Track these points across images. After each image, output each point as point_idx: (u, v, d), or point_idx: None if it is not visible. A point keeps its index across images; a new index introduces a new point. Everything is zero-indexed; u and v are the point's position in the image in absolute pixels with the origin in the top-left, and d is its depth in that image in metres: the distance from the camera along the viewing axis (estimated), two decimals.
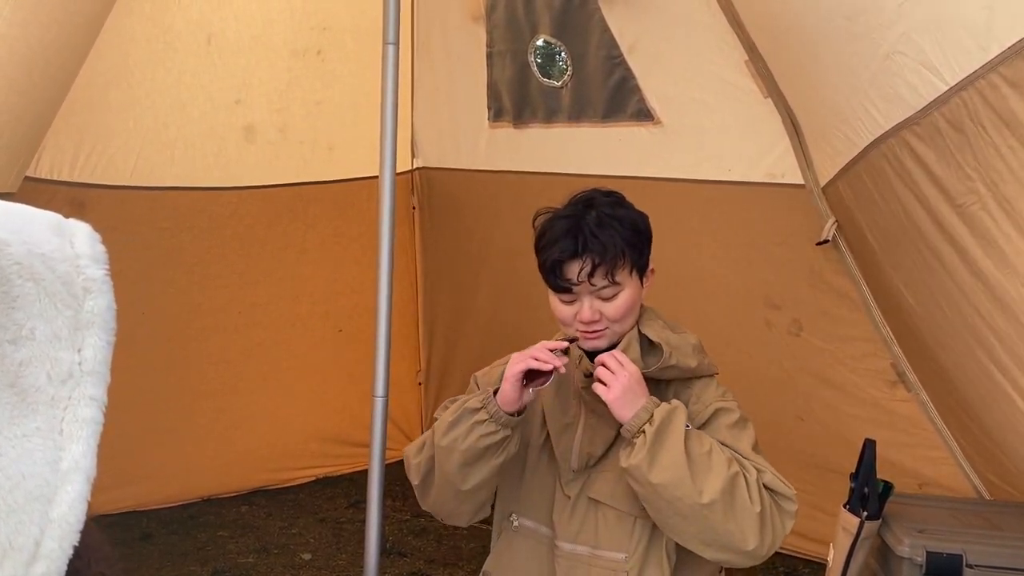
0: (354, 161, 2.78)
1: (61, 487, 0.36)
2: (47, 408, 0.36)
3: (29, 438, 0.35)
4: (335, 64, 2.68)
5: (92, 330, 0.38)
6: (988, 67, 1.22)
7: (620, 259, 1.11)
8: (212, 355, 2.71)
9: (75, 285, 0.39)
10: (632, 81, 2.30)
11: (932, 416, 2.06)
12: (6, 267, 0.36)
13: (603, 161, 2.45)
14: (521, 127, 2.64)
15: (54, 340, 0.37)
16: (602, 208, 1.14)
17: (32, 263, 0.37)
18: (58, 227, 0.41)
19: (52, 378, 0.36)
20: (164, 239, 2.57)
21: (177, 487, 2.69)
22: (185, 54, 2.42)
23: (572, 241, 1.10)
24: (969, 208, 1.38)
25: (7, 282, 0.36)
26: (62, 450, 0.36)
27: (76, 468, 0.36)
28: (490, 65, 2.65)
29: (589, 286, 1.11)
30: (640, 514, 1.14)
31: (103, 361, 0.38)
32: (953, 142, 1.35)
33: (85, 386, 0.37)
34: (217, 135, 2.56)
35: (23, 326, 0.36)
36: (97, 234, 0.41)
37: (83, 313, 0.38)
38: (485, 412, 1.13)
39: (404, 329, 3.04)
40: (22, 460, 0.35)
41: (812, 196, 2.06)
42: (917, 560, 1.49)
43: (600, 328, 1.14)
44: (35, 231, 0.39)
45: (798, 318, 2.20)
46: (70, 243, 0.40)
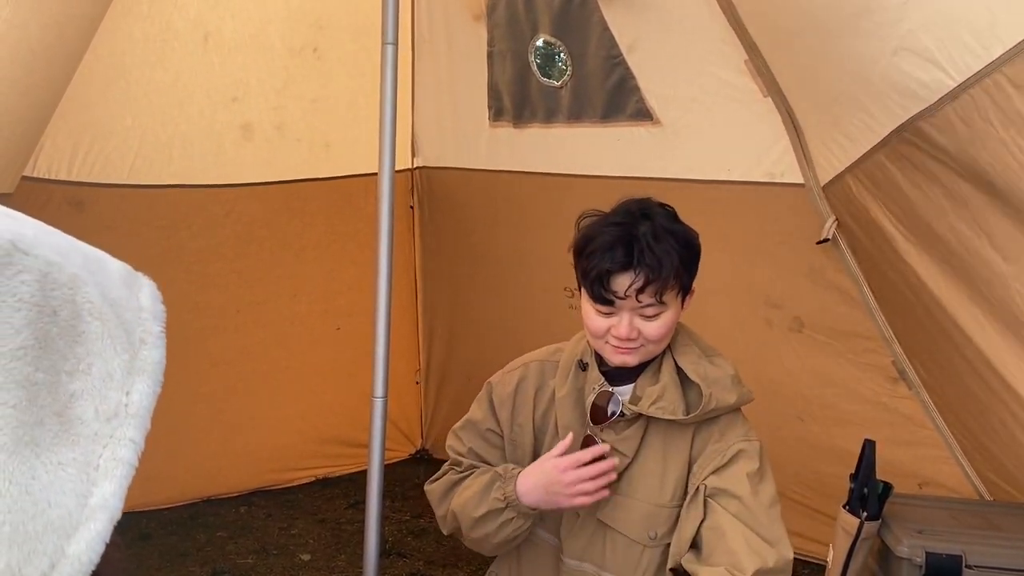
0: (352, 158, 2.78)
1: (84, 524, 0.36)
2: (88, 442, 0.37)
3: (64, 467, 0.36)
4: (332, 62, 2.67)
5: (142, 377, 0.41)
6: (992, 67, 1.22)
7: (672, 279, 1.04)
8: (211, 355, 2.71)
9: (134, 334, 0.41)
10: (631, 81, 2.30)
11: (932, 415, 2.06)
12: (80, 303, 0.38)
13: (603, 161, 2.44)
14: (521, 127, 2.63)
15: (107, 379, 0.39)
16: (659, 220, 1.06)
17: (102, 305, 0.39)
18: (128, 277, 0.43)
19: (99, 414, 0.38)
20: (162, 238, 2.57)
21: (176, 487, 2.68)
22: (182, 53, 2.41)
23: (625, 252, 1.03)
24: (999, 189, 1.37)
25: (78, 317, 0.38)
26: (94, 485, 0.37)
27: (104, 506, 0.37)
28: (491, 64, 2.64)
29: (634, 302, 1.04)
30: (649, 543, 1.12)
31: (147, 408, 0.40)
32: (965, 136, 1.35)
33: (127, 428, 0.39)
34: (214, 133, 2.55)
35: (82, 360, 0.38)
36: (159, 293, 0.44)
37: (137, 360, 0.41)
38: (512, 510, 1.11)
39: (403, 329, 3.03)
40: (52, 487, 0.35)
41: (812, 195, 2.06)
42: (916, 561, 1.49)
43: (635, 346, 1.08)
44: (108, 277, 0.42)
45: (799, 315, 2.20)
46: (136, 295, 0.43)
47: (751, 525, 1.06)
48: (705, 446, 1.13)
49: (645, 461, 1.15)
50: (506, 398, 1.22)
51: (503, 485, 1.13)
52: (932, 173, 1.53)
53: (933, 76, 1.35)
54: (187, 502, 2.73)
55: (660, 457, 1.14)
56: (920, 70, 1.37)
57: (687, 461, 1.14)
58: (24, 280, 0.36)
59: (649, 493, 1.13)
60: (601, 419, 1.13)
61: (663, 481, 1.13)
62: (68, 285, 0.38)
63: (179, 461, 2.67)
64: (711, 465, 1.10)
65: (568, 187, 2.52)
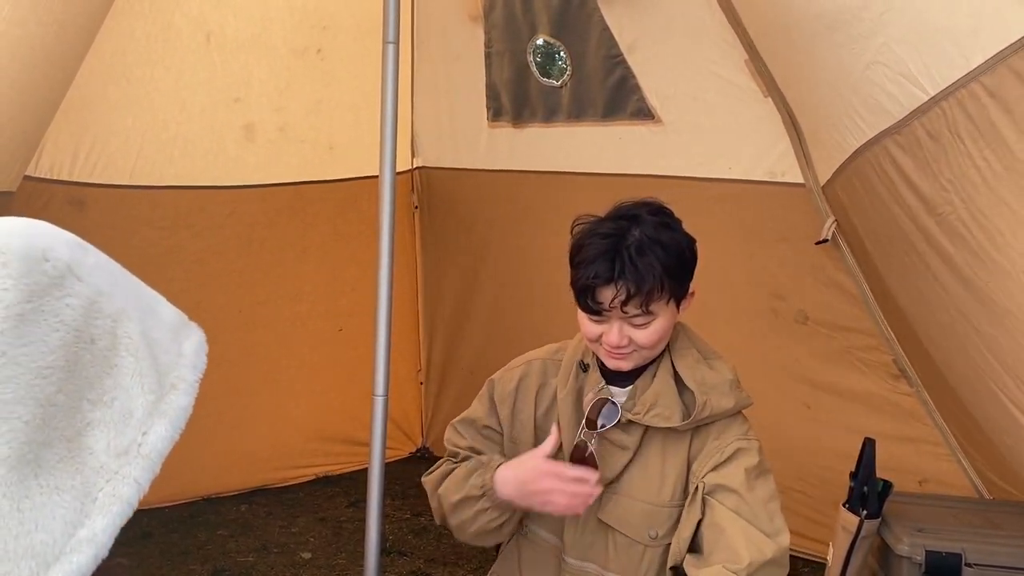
0: (354, 160, 2.78)
1: (67, 555, 0.36)
2: (92, 473, 0.37)
3: (60, 492, 0.36)
4: (335, 63, 2.68)
5: (163, 421, 0.41)
6: (970, 77, 1.21)
7: (657, 290, 1.04)
8: (212, 354, 2.66)
9: (167, 377, 0.41)
10: (632, 80, 2.30)
11: (932, 413, 2.07)
12: (120, 336, 0.39)
13: (603, 159, 2.45)
14: (521, 126, 2.64)
15: (127, 416, 0.39)
16: (646, 229, 1.05)
17: (140, 343, 0.40)
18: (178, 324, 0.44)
19: (110, 448, 0.38)
20: (164, 238, 2.57)
21: (177, 486, 2.69)
22: (184, 52, 2.41)
23: (608, 266, 1.03)
24: (947, 217, 1.39)
25: (114, 349, 0.39)
26: (87, 517, 0.37)
27: (91, 540, 0.37)
28: (488, 65, 2.64)
29: (621, 313, 1.05)
30: (650, 543, 1.13)
31: (160, 452, 0.41)
32: (930, 152, 1.35)
33: (135, 467, 0.39)
34: (216, 134, 2.55)
35: (108, 392, 0.38)
36: (206, 346, 0.45)
37: (162, 403, 0.41)
38: (487, 500, 1.11)
39: (404, 328, 3.03)
40: (43, 510, 0.35)
41: (812, 195, 2.07)
42: (916, 559, 1.49)
43: (627, 351, 1.09)
44: (156, 318, 0.42)
45: (803, 308, 2.21)
46: (180, 343, 0.43)
47: (749, 519, 1.06)
48: (703, 445, 1.13)
49: (645, 461, 1.15)
50: (507, 395, 1.23)
51: (483, 473, 1.13)
52: (891, 193, 1.53)
53: (905, 90, 1.34)
54: (188, 500, 2.74)
55: (659, 458, 1.14)
56: (892, 84, 1.36)
57: (686, 461, 1.14)
58: (70, 304, 0.37)
59: (649, 493, 1.14)
60: (595, 427, 1.13)
61: (662, 481, 1.14)
62: (112, 317, 0.39)
63: (180, 459, 2.63)
64: (709, 463, 1.10)
65: (569, 185, 2.53)
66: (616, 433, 1.14)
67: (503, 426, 1.24)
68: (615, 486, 1.15)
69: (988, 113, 1.21)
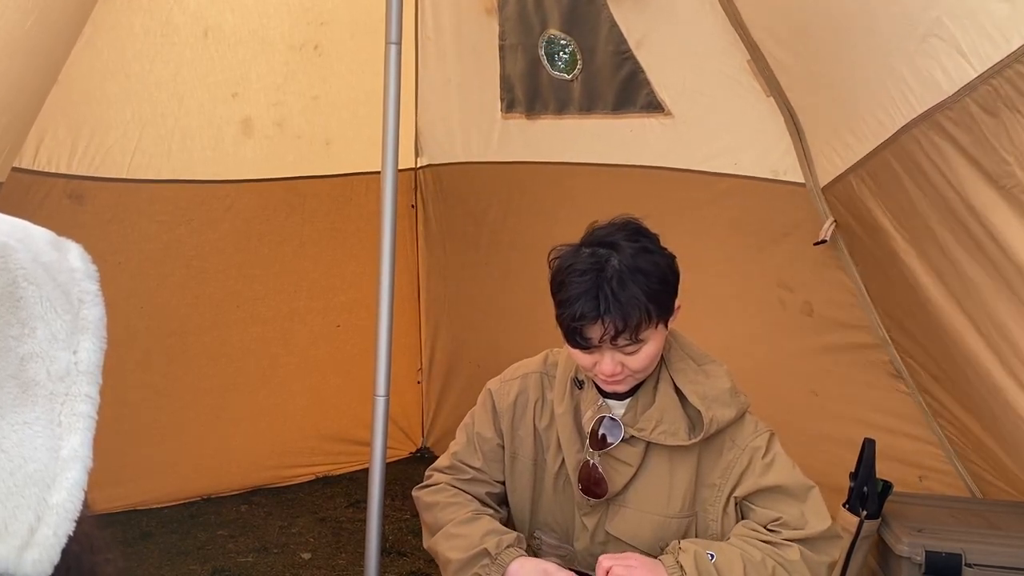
0: (351, 156, 2.77)
1: (61, 474, 0.37)
2: (46, 401, 0.38)
3: (30, 425, 0.37)
4: (333, 59, 2.66)
5: (87, 335, 0.41)
6: (1014, 57, 1.21)
7: (644, 321, 1.03)
8: (211, 350, 2.70)
9: (72, 295, 0.42)
10: (641, 74, 2.30)
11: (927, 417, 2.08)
12: (14, 270, 0.39)
13: (614, 151, 2.44)
14: (534, 118, 2.64)
15: (52, 340, 0.40)
16: (625, 258, 1.04)
17: (35, 270, 0.40)
18: (55, 242, 0.44)
19: (51, 374, 0.39)
20: (162, 232, 2.56)
21: (176, 486, 2.68)
22: (182, 47, 2.39)
23: (592, 304, 1.02)
24: (1011, 190, 1.36)
25: (14, 284, 0.39)
26: (61, 439, 0.38)
27: (75, 457, 0.38)
28: (503, 58, 2.64)
29: (610, 345, 1.05)
30: (661, 554, 1.12)
31: (96, 364, 0.41)
32: (988, 127, 1.33)
33: (80, 384, 0.40)
34: (214, 128, 2.54)
35: (25, 324, 0.39)
36: (88, 254, 0.45)
37: (79, 320, 0.41)
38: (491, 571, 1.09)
39: (404, 328, 3.02)
40: (24, 444, 0.36)
41: (812, 196, 2.07)
42: (916, 559, 1.50)
43: (621, 378, 1.08)
44: (36, 242, 0.42)
45: (809, 300, 2.22)
46: (66, 258, 0.43)
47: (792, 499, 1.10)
48: (719, 456, 1.14)
49: (650, 475, 1.15)
50: (506, 409, 1.22)
51: (489, 570, 1.11)
52: (940, 171, 1.52)
53: (957, 65, 1.32)
54: (187, 500, 2.73)
55: (667, 470, 1.14)
56: (947, 58, 1.34)
57: (695, 473, 1.14)
58: None
59: (657, 505, 1.14)
60: (601, 444, 1.13)
61: (671, 493, 1.13)
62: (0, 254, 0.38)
63: (179, 459, 2.66)
64: (733, 473, 1.12)
65: (580, 175, 2.53)
66: (619, 449, 1.13)
67: (504, 439, 1.23)
68: (622, 499, 1.15)
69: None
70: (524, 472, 1.22)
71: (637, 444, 1.14)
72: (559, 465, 1.19)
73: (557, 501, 1.20)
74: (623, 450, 1.13)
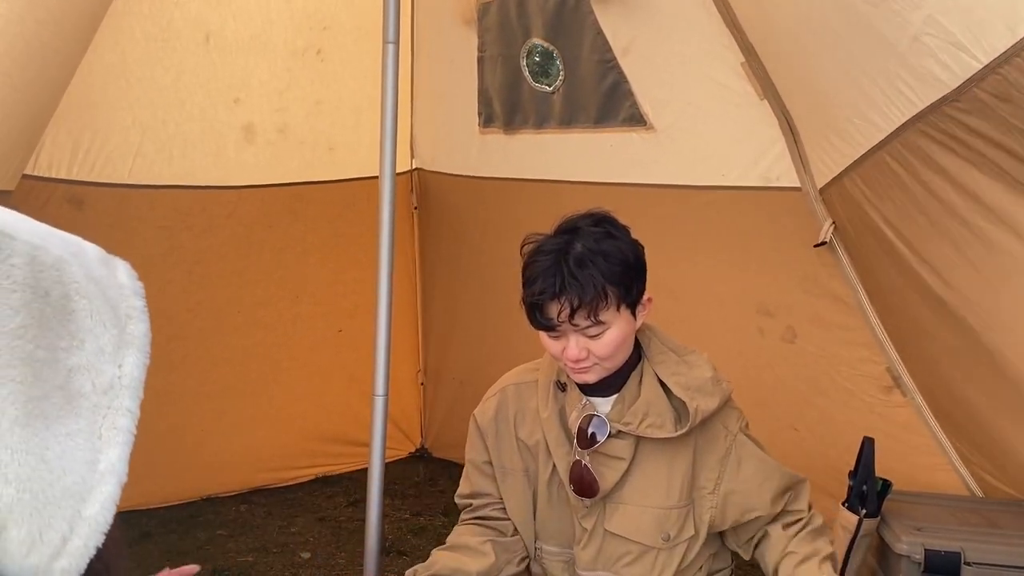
0: (354, 161, 2.78)
1: (96, 487, 0.39)
2: (89, 413, 0.40)
3: (72, 437, 0.39)
4: (335, 64, 2.68)
5: (131, 350, 0.43)
6: (1021, 45, 1.20)
7: (602, 300, 1.05)
8: (212, 355, 2.71)
9: (120, 310, 0.43)
10: (625, 85, 2.28)
11: (928, 420, 2.06)
12: (68, 284, 0.40)
13: (595, 168, 2.41)
14: (512, 133, 2.61)
15: (100, 353, 0.41)
16: (587, 241, 1.07)
17: (88, 285, 0.42)
18: (104, 259, 0.46)
19: (96, 387, 0.40)
20: (163, 238, 2.57)
21: (176, 486, 2.68)
22: (183, 53, 2.41)
23: (551, 281, 1.05)
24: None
25: (67, 297, 0.40)
26: (100, 452, 0.40)
27: (111, 471, 0.40)
28: (481, 70, 2.62)
29: (571, 326, 1.07)
30: (663, 546, 1.14)
31: (139, 379, 0.43)
32: (1007, 111, 1.33)
33: (123, 398, 0.42)
34: (216, 134, 2.55)
35: (75, 336, 0.40)
36: (134, 271, 0.46)
37: (125, 334, 0.43)
38: None
39: (404, 329, 3.03)
40: (65, 456, 0.38)
41: (808, 199, 2.06)
42: (915, 558, 1.50)
43: (587, 364, 1.10)
44: (88, 258, 0.44)
45: (792, 325, 2.19)
46: (115, 274, 0.45)
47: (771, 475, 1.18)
48: (714, 444, 1.17)
49: (645, 468, 1.15)
50: (488, 425, 1.24)
51: None
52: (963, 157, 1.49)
53: (957, 59, 1.32)
54: (187, 500, 2.73)
55: (663, 462, 1.15)
56: (944, 53, 1.34)
57: (691, 462, 1.15)
58: (15, 263, 0.38)
59: (656, 498, 1.14)
60: (589, 443, 1.14)
61: (669, 484, 1.14)
62: (55, 267, 0.40)
63: (179, 460, 2.67)
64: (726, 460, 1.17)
65: (560, 193, 2.49)
66: (609, 445, 1.14)
67: (491, 456, 1.25)
68: (617, 496, 1.16)
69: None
70: (517, 485, 1.23)
71: (627, 438, 1.14)
72: (550, 471, 1.19)
73: (553, 508, 1.21)
74: (613, 446, 1.14)
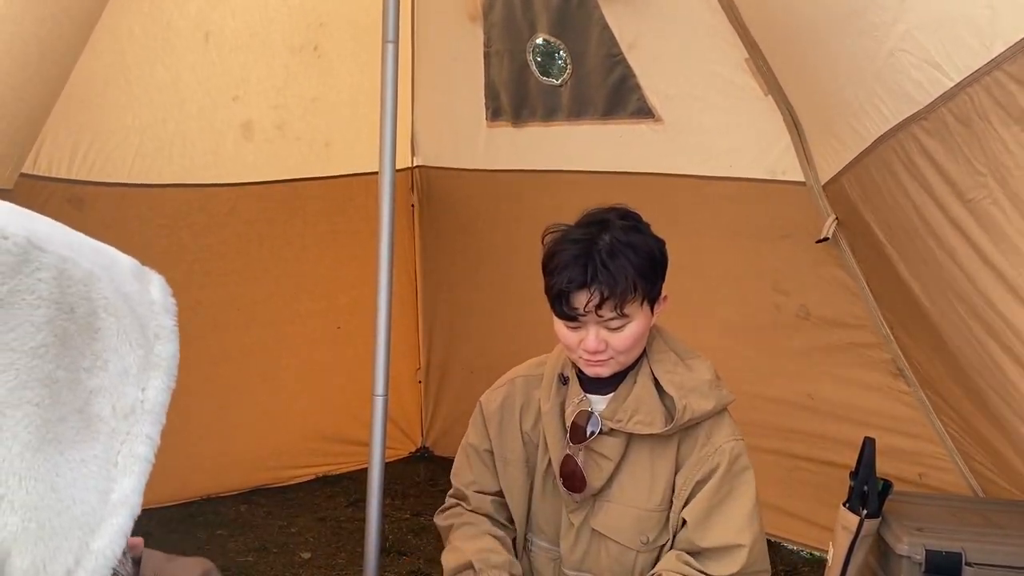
0: (352, 157, 2.78)
1: (107, 519, 0.37)
2: (107, 439, 0.38)
3: (87, 464, 0.37)
4: (332, 60, 2.67)
5: (157, 372, 0.41)
6: (993, 64, 1.22)
7: (630, 292, 1.05)
8: (211, 353, 2.71)
9: (149, 329, 0.41)
10: (632, 79, 2.30)
11: (929, 415, 2.07)
12: (96, 300, 0.38)
13: (604, 158, 2.44)
14: (520, 126, 2.63)
15: (123, 375, 0.39)
16: (616, 233, 1.07)
17: (117, 301, 0.40)
18: (138, 272, 0.43)
19: (116, 411, 0.38)
20: (162, 236, 2.57)
21: (176, 486, 2.68)
22: (183, 51, 2.41)
23: (581, 270, 1.05)
24: (980, 203, 1.38)
25: (94, 314, 0.38)
26: (114, 482, 0.38)
27: (124, 502, 0.38)
28: (487, 65, 2.64)
29: (596, 317, 1.06)
30: (642, 548, 1.13)
31: (162, 404, 0.41)
32: (961, 137, 1.35)
33: (144, 424, 0.40)
34: (215, 132, 2.55)
35: (99, 356, 0.38)
36: (169, 287, 0.44)
37: (152, 355, 0.41)
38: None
39: (404, 327, 3.03)
40: (76, 484, 0.36)
41: (812, 194, 2.07)
42: (916, 558, 1.49)
43: (604, 358, 1.09)
44: (120, 272, 0.42)
45: (805, 303, 2.22)
46: (148, 289, 0.43)
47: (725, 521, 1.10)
48: (691, 451, 1.13)
49: (632, 468, 1.15)
50: (493, 414, 1.24)
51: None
52: (918, 181, 1.53)
53: (929, 76, 1.35)
54: (187, 500, 2.73)
55: (647, 463, 1.14)
56: (916, 70, 1.36)
57: (674, 465, 1.14)
58: (42, 278, 0.36)
59: (638, 498, 1.14)
60: (580, 438, 1.14)
61: (652, 486, 1.14)
62: (83, 282, 0.38)
63: (179, 459, 2.66)
64: (697, 474, 1.12)
65: (569, 183, 2.53)
66: (600, 442, 1.14)
67: (493, 445, 1.24)
68: (606, 494, 1.16)
69: (1016, 99, 1.21)
70: (517, 476, 1.23)
71: (618, 437, 1.14)
72: (547, 464, 1.20)
73: (547, 500, 1.21)
74: (604, 444, 1.14)
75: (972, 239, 1.44)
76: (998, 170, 1.31)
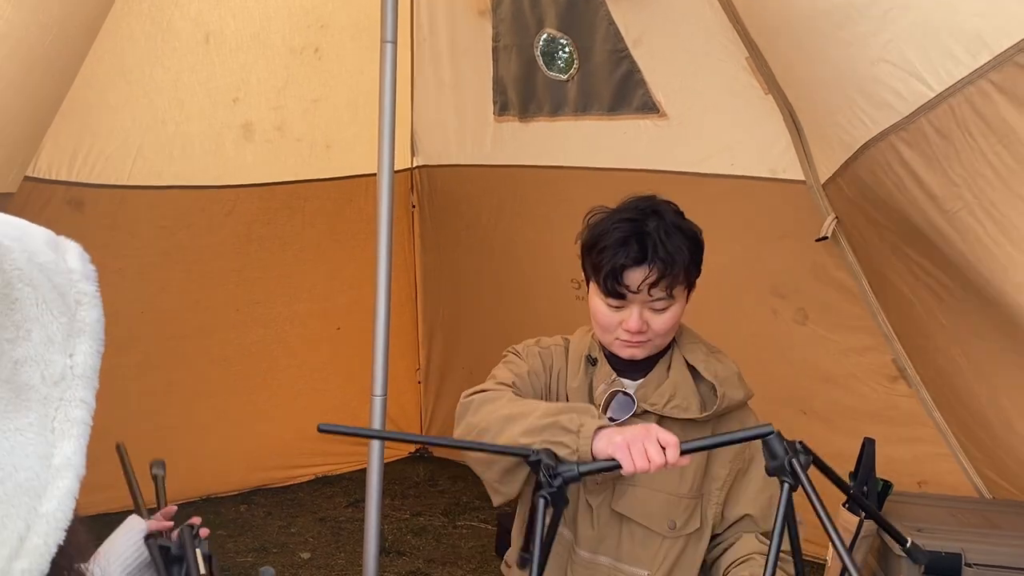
0: (352, 159, 2.78)
1: (52, 482, 0.37)
2: (40, 406, 0.37)
3: (22, 432, 0.36)
4: (332, 62, 2.68)
5: (83, 338, 0.40)
6: (978, 74, 1.22)
7: (683, 273, 1.07)
8: (211, 353, 2.71)
9: (68, 296, 0.41)
10: (638, 74, 2.31)
11: (932, 412, 2.07)
12: (9, 271, 0.38)
13: (609, 154, 2.45)
14: (527, 121, 2.64)
15: (48, 343, 0.39)
16: (668, 216, 1.08)
17: (31, 271, 0.39)
18: (53, 242, 0.43)
19: (45, 378, 0.38)
20: (162, 237, 2.57)
21: (176, 486, 2.65)
22: (183, 52, 2.41)
23: (639, 247, 1.04)
24: (957, 214, 1.39)
25: (8, 285, 0.38)
26: (53, 447, 0.37)
27: (68, 465, 0.37)
28: (496, 59, 2.64)
29: (646, 296, 1.06)
30: (669, 533, 1.13)
31: (93, 368, 0.40)
32: (940, 149, 1.35)
33: (76, 389, 0.39)
34: (215, 133, 2.55)
35: (20, 327, 0.38)
36: (87, 254, 0.43)
37: (76, 322, 0.40)
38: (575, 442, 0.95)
39: (402, 328, 3.03)
40: (15, 452, 0.36)
41: (813, 192, 2.07)
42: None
43: (643, 339, 1.09)
44: (33, 242, 0.41)
45: (803, 307, 2.22)
46: (63, 258, 0.42)
47: None
48: None
49: None
50: (535, 355, 1.18)
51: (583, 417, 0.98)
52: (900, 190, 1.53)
53: (911, 87, 1.34)
54: (187, 500, 2.73)
55: None
56: (898, 81, 1.36)
57: (707, 452, 1.14)
58: None
59: (668, 483, 1.14)
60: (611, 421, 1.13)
61: (683, 472, 1.13)
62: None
63: (179, 459, 2.65)
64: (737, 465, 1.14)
65: (574, 179, 2.53)
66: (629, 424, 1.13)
67: (547, 374, 1.17)
68: (631, 478, 1.14)
69: (999, 109, 1.21)
70: None
71: (649, 419, 1.13)
72: None
73: None
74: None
75: (953, 247, 1.45)
76: (976, 181, 1.31)
